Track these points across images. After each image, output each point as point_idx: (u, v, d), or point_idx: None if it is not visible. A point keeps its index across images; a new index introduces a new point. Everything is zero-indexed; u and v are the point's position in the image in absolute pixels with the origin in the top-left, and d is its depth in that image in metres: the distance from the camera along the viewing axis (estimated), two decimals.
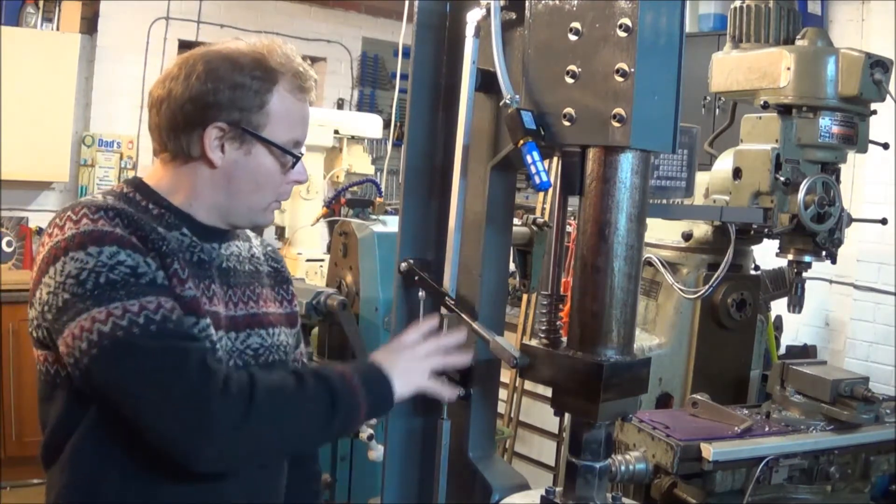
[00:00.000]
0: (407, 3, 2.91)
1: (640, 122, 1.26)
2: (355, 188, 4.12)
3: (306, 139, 1.54)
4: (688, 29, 1.36)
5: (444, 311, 1.54)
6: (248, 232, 1.68)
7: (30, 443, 4.36)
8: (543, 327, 1.43)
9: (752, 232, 2.58)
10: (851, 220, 2.53)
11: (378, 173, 4.70)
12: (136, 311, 1.27)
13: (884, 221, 2.68)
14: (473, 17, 1.44)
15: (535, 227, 2.10)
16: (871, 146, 2.50)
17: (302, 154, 1.50)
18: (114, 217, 1.34)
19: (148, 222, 1.38)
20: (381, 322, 3.23)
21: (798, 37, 2.45)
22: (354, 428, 2.14)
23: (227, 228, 1.53)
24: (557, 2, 1.35)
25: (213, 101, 1.42)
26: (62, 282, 1.29)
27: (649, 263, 2.78)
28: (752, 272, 2.98)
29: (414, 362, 1.47)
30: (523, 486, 1.55)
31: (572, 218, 1.76)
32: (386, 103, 7.38)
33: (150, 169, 1.54)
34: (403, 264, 1.59)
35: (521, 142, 1.32)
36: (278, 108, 1.45)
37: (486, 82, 1.45)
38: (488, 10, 1.42)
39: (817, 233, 2.39)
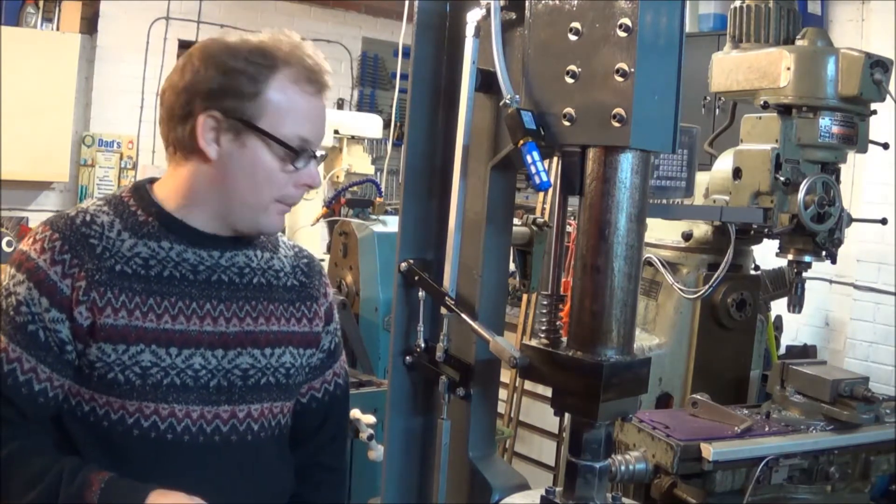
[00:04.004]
0: (407, 3, 2.91)
1: (640, 122, 1.26)
2: (355, 188, 4.12)
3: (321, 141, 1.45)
4: (688, 29, 1.36)
5: (443, 310, 1.54)
6: (282, 240, 1.62)
7: None
8: (543, 327, 1.43)
9: (752, 232, 2.58)
10: (851, 220, 2.53)
11: (378, 173, 4.70)
12: None
13: (884, 221, 2.68)
14: (473, 17, 1.44)
15: (535, 227, 2.09)
16: (871, 146, 2.50)
17: (314, 157, 1.42)
18: (56, 240, 1.36)
19: (103, 246, 1.38)
20: (381, 322, 3.24)
21: (798, 37, 2.46)
22: None
23: (232, 235, 1.47)
24: (557, 2, 1.35)
25: (205, 88, 1.36)
26: None
27: (649, 263, 2.78)
28: (752, 272, 2.98)
29: None
30: (523, 486, 1.54)
31: (572, 218, 1.76)
32: (386, 103, 7.39)
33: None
34: (403, 264, 1.59)
35: (521, 142, 1.32)
36: (278, 99, 1.37)
37: (486, 82, 1.45)
38: (488, 10, 1.42)
39: (817, 233, 2.40)
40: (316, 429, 1.65)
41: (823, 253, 2.45)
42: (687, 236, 2.78)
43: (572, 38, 1.32)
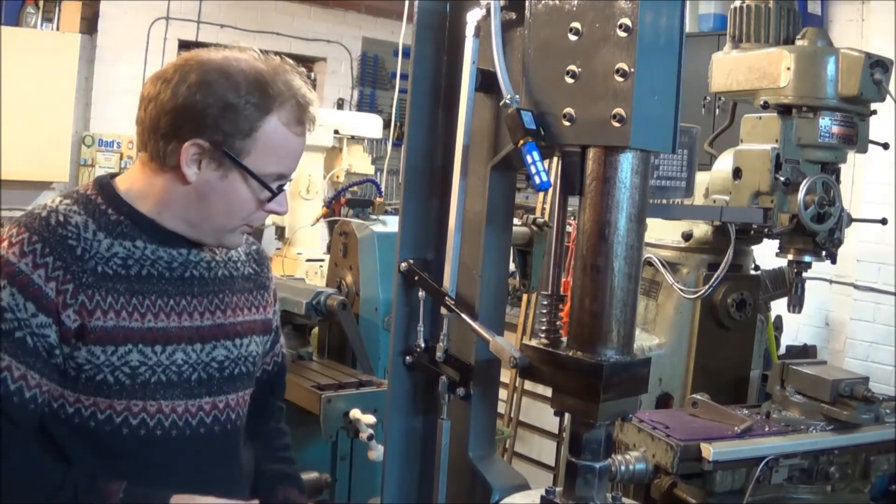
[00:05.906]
0: (407, 3, 2.91)
1: (640, 122, 1.26)
2: (355, 188, 4.11)
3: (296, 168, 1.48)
4: (688, 29, 1.36)
5: (443, 311, 1.54)
6: None
7: None
8: (543, 327, 1.43)
9: (752, 232, 2.58)
10: (851, 220, 2.53)
11: (378, 173, 4.70)
12: None
13: (884, 221, 2.68)
14: (473, 17, 1.44)
15: (535, 227, 2.09)
16: (871, 146, 2.50)
17: (283, 189, 1.45)
18: (36, 243, 1.33)
19: (82, 247, 1.36)
20: (381, 322, 3.23)
21: (798, 37, 2.46)
22: None
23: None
24: (557, 2, 1.35)
25: (198, 116, 1.36)
26: None
27: (649, 263, 2.78)
28: (752, 272, 2.98)
29: None
30: (523, 486, 1.55)
31: (572, 218, 1.76)
32: (386, 103, 7.40)
33: (130, 167, 1.50)
34: (403, 264, 1.59)
35: (521, 142, 1.32)
36: (268, 139, 1.38)
37: (486, 82, 1.45)
38: (488, 10, 1.42)
39: (817, 233, 2.40)
40: (265, 399, 1.71)
41: (823, 253, 2.45)
42: (687, 236, 2.78)
43: (572, 38, 1.32)
